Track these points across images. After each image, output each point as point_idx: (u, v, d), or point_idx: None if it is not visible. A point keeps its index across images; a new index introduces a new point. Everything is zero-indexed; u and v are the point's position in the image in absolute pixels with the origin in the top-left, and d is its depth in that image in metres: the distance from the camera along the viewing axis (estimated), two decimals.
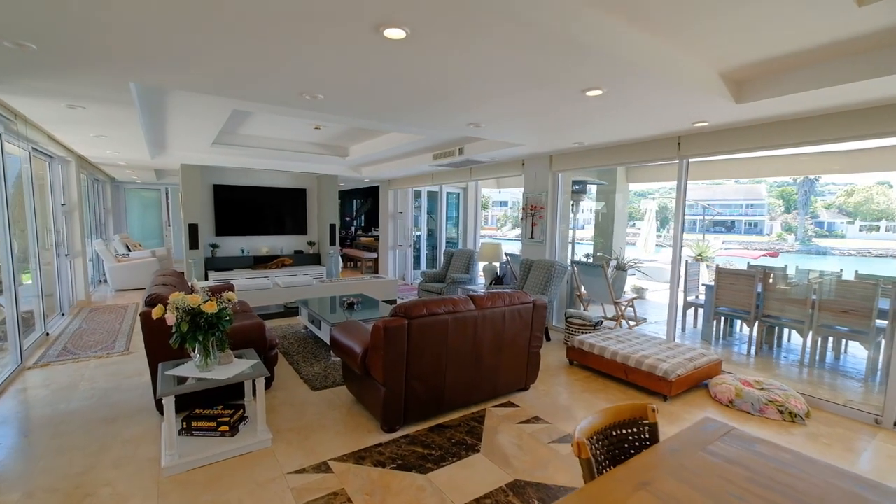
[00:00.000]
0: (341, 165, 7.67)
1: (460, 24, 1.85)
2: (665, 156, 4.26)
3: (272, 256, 8.69)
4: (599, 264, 5.23)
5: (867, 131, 3.02)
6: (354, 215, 13.82)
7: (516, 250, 6.88)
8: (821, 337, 4.43)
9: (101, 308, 6.43)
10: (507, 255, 6.65)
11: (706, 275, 6.81)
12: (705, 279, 6.25)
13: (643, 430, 1.44)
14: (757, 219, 25.03)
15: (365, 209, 12.98)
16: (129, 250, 9.39)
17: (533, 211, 5.67)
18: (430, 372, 2.95)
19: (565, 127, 3.83)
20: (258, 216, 8.53)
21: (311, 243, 9.14)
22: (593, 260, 7.57)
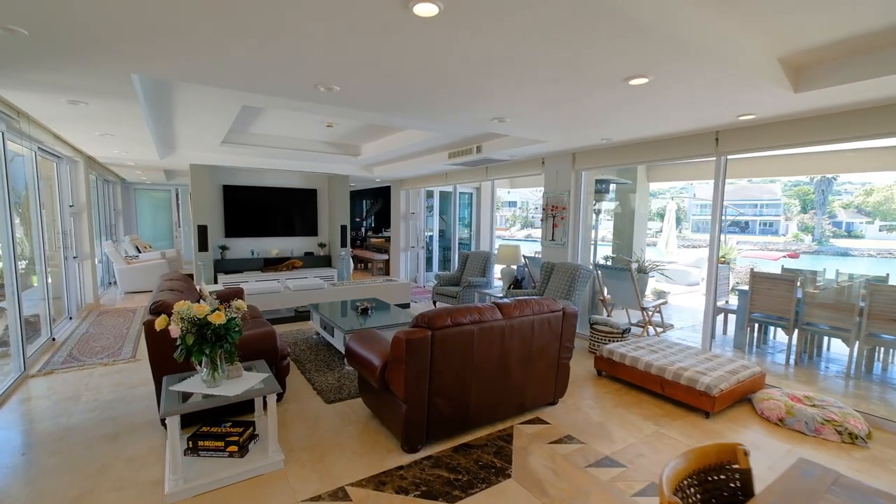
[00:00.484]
0: (353, 165, 7.47)
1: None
2: (700, 153, 3.97)
3: (282, 258, 8.51)
4: (626, 267, 4.96)
5: None
6: (364, 216, 13.63)
7: (526, 251, 6.62)
8: (867, 347, 4.12)
9: (110, 311, 6.30)
10: (525, 258, 6.39)
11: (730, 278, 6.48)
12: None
13: (733, 478, 1.19)
14: (772, 219, 24.44)
15: (375, 209, 12.78)
16: (139, 251, 9.29)
17: (554, 211, 5.41)
18: (455, 387, 2.72)
19: (597, 121, 3.57)
20: (268, 217, 8.36)
21: (322, 245, 8.96)
22: (612, 262, 7.28)
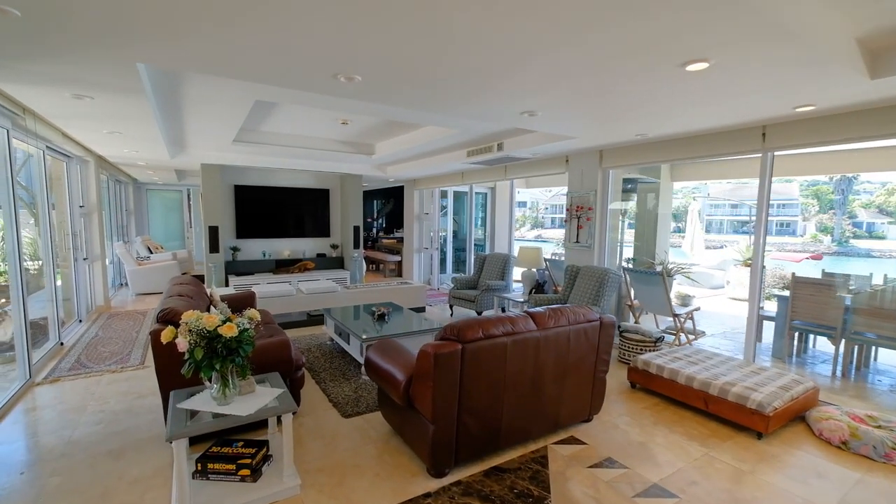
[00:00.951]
0: (366, 164, 7.27)
1: None
2: (745, 149, 3.69)
3: (294, 260, 8.35)
4: (658, 272, 4.67)
5: None
6: (376, 216, 13.44)
7: (543, 253, 6.34)
8: None
9: (120, 314, 6.17)
10: (546, 261, 6.12)
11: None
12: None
13: None
14: (789, 219, 23.82)
15: (387, 210, 12.59)
16: (151, 252, 9.21)
17: (579, 212, 5.14)
18: (486, 405, 2.48)
19: (637, 115, 3.30)
20: (280, 218, 8.20)
21: (335, 246, 8.77)
22: (634, 265, 6.97)
